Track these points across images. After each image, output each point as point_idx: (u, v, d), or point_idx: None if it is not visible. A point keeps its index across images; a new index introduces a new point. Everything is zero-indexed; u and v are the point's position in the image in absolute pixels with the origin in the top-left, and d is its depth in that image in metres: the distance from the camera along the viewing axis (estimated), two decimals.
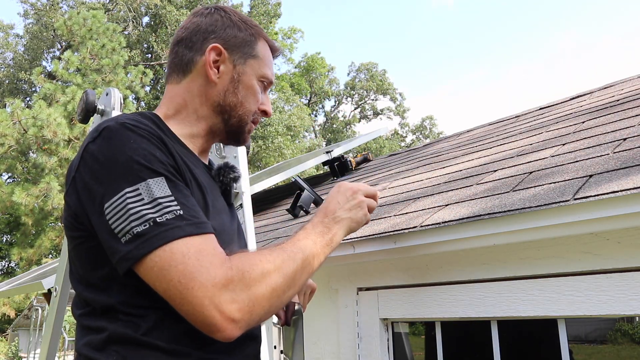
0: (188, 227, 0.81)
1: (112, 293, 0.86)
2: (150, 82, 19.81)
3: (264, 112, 1.11)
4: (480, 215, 1.33)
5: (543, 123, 2.86)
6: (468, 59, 57.52)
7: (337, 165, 4.42)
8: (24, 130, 12.98)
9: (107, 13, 20.38)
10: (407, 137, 33.29)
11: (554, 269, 1.33)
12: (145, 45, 23.21)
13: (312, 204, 2.90)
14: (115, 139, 0.86)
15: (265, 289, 0.83)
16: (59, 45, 22.56)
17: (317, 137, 29.39)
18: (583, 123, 2.34)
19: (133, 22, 22.27)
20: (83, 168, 0.87)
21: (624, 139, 1.67)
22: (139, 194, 0.81)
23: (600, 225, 1.15)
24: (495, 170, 1.95)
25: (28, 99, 21.72)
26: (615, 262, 1.23)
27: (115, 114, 1.44)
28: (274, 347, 1.47)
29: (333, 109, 32.83)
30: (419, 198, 1.94)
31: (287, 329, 1.52)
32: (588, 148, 1.74)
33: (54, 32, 20.72)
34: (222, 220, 0.99)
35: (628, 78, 3.39)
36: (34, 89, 22.13)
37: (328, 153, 4.43)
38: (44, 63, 22.86)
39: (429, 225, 1.44)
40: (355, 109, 33.14)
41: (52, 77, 15.91)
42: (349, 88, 32.13)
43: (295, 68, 29.62)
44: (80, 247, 0.90)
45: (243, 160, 1.79)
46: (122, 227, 0.80)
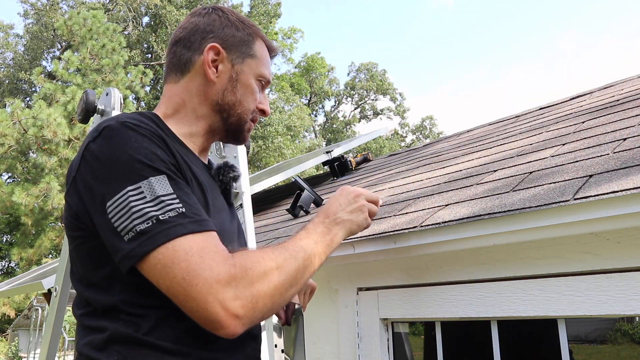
0: (191, 224, 0.81)
1: (113, 293, 0.86)
2: (150, 82, 19.81)
3: (262, 110, 1.12)
4: (480, 215, 1.33)
5: (543, 123, 2.86)
6: (468, 59, 57.62)
7: (337, 165, 4.42)
8: (24, 130, 12.98)
9: (107, 13, 20.39)
10: (407, 137, 33.31)
11: (554, 269, 1.33)
12: (145, 45, 23.22)
13: (312, 204, 2.90)
14: (116, 138, 0.86)
15: (268, 287, 0.83)
16: (59, 45, 22.56)
17: (317, 137, 29.39)
18: (583, 123, 2.34)
19: (133, 22, 22.27)
20: (84, 167, 0.86)
21: (624, 139, 1.67)
22: (141, 192, 0.81)
23: (600, 225, 1.15)
24: (495, 170, 1.96)
25: (28, 99, 21.72)
26: (615, 262, 1.23)
27: (115, 114, 1.44)
28: (275, 346, 1.47)
29: (333, 109, 32.85)
30: (419, 198, 1.94)
31: (287, 329, 1.52)
32: (588, 148, 1.74)
33: (54, 32, 20.72)
34: (222, 220, 1.00)
35: (628, 78, 3.39)
36: (34, 89, 22.14)
37: (328, 153, 4.43)
38: (44, 63, 22.88)
39: (429, 225, 1.44)
40: (355, 109, 33.15)
41: (52, 77, 15.91)
42: (349, 88, 32.13)
43: (295, 68, 29.63)
44: (81, 247, 0.90)
45: (243, 160, 1.79)
46: (124, 225, 0.80)
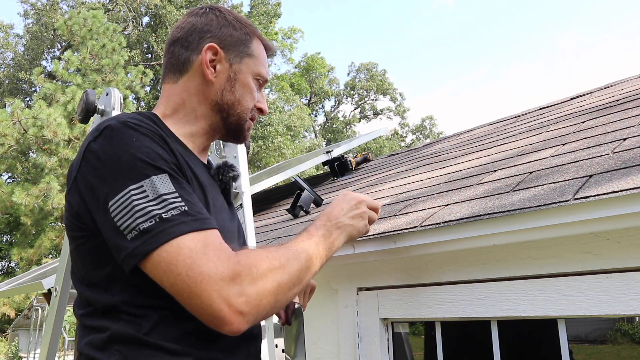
0: (194, 222, 0.81)
1: (114, 293, 0.86)
2: (150, 82, 19.79)
3: (260, 109, 1.13)
4: (480, 215, 1.33)
5: (543, 123, 2.86)
6: (468, 59, 57.64)
7: (337, 165, 4.42)
8: (24, 130, 12.98)
9: (107, 13, 20.38)
10: (407, 137, 33.31)
11: (554, 269, 1.33)
12: (145, 45, 23.22)
13: (312, 204, 2.91)
14: (117, 138, 0.86)
15: (272, 285, 0.84)
16: (59, 45, 22.56)
17: (317, 137, 29.39)
18: (583, 123, 2.34)
19: (133, 22, 22.27)
20: (85, 167, 0.86)
21: (624, 139, 1.67)
22: (144, 191, 0.81)
23: (600, 225, 1.15)
24: (495, 170, 1.96)
25: (28, 99, 21.72)
26: (615, 262, 1.23)
27: (115, 114, 1.44)
28: (275, 345, 1.47)
29: (333, 109, 32.85)
30: (419, 198, 1.95)
31: (288, 328, 1.52)
32: (588, 148, 1.74)
33: (54, 32, 20.71)
34: (222, 219, 1.00)
35: (628, 78, 3.39)
36: (34, 89, 22.13)
37: (328, 153, 4.43)
38: (44, 63, 22.87)
39: (429, 225, 1.44)
40: (355, 109, 33.15)
41: (52, 77, 15.90)
42: (349, 88, 32.13)
43: (295, 68, 29.62)
44: (82, 246, 0.90)
45: (243, 160, 1.79)
46: (127, 224, 0.80)
